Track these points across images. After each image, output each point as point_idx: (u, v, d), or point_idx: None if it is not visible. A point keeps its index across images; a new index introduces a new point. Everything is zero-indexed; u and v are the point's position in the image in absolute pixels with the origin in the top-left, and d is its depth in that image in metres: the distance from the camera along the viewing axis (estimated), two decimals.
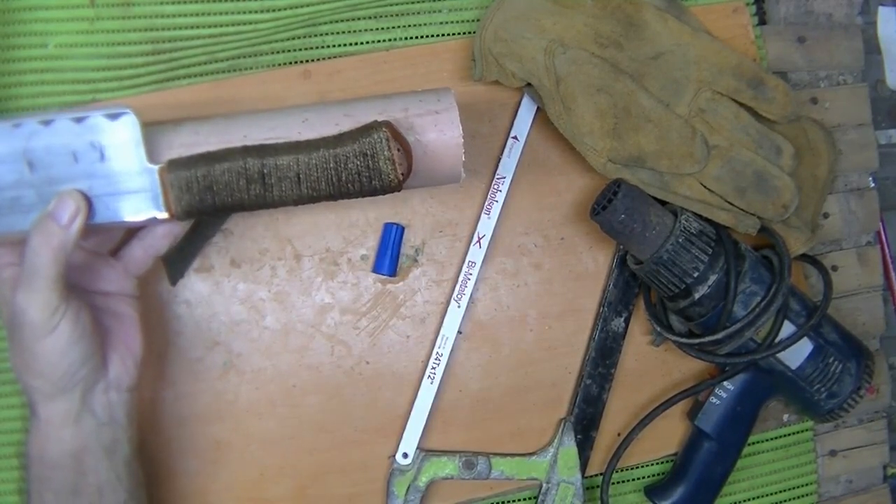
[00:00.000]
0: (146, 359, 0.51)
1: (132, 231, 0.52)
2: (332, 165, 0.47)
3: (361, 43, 0.61)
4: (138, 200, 0.46)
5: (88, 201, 0.45)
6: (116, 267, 0.51)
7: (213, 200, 0.46)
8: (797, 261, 0.63)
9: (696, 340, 0.59)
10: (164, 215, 0.46)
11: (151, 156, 0.46)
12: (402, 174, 0.48)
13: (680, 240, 0.56)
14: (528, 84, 0.59)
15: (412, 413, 0.60)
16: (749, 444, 0.64)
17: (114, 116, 0.45)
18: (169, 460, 0.58)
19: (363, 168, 0.47)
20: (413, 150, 0.49)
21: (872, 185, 0.70)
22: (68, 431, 0.47)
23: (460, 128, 0.50)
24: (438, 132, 0.50)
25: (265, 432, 0.59)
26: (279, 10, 0.60)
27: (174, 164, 0.45)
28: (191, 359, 0.58)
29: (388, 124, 0.47)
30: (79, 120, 0.45)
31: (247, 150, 0.46)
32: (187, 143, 0.47)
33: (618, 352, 0.64)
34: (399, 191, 0.49)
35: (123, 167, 0.45)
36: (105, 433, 0.48)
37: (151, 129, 0.47)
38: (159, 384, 0.58)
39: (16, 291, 0.44)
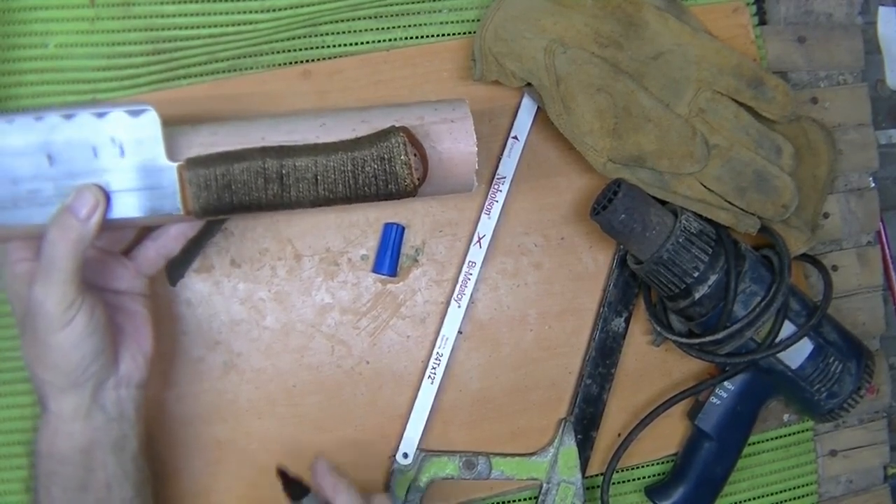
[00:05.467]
0: (155, 356, 0.53)
1: (145, 231, 0.53)
2: (349, 168, 0.48)
3: (362, 43, 0.62)
4: (156, 197, 0.47)
5: (107, 196, 0.47)
6: (129, 266, 0.53)
7: (231, 199, 0.47)
8: (797, 260, 0.64)
9: (697, 340, 0.59)
10: (181, 213, 0.48)
11: (170, 154, 0.47)
12: (418, 179, 0.49)
13: (680, 240, 0.56)
14: (529, 84, 0.59)
15: (412, 413, 0.61)
16: (749, 444, 0.66)
17: (135, 113, 0.46)
18: (171, 459, 0.59)
19: (380, 171, 0.48)
20: (428, 156, 0.50)
21: (872, 185, 0.71)
22: (78, 426, 0.48)
23: (475, 137, 0.52)
24: (453, 141, 0.52)
25: (265, 432, 0.60)
26: (279, 10, 0.60)
27: (193, 162, 0.47)
28: (192, 359, 0.59)
29: (405, 129, 0.49)
30: (100, 115, 0.46)
31: (266, 151, 0.48)
32: (206, 143, 0.48)
33: (618, 352, 0.64)
34: (414, 196, 0.50)
35: (142, 164, 0.47)
36: (114, 429, 0.50)
37: (171, 129, 0.48)
38: (161, 384, 0.59)
39: (33, 284, 0.46)
